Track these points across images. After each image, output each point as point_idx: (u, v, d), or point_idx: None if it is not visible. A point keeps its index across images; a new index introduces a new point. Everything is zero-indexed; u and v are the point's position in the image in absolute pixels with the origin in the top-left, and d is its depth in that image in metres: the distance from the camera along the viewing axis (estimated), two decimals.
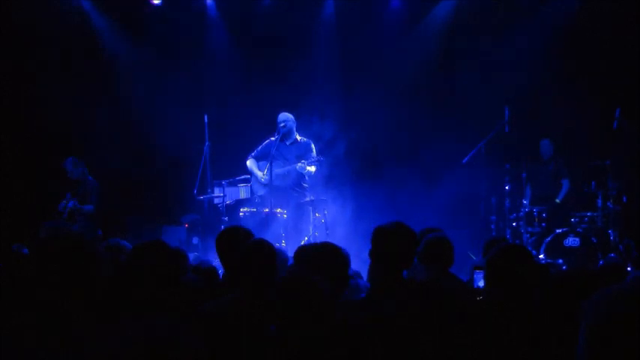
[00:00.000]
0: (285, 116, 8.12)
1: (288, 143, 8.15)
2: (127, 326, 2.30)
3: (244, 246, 3.21)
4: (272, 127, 8.20)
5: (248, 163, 8.29)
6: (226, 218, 7.96)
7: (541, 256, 7.62)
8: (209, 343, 2.68)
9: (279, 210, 7.80)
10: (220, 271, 5.93)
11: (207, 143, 8.03)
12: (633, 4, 8.57)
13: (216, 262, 6.11)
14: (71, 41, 9.42)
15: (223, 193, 8.15)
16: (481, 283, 3.72)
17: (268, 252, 3.20)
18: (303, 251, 3.60)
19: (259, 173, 8.08)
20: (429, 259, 4.06)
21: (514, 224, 8.21)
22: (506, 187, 8.09)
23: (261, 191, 8.15)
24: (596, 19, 8.82)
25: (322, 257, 3.26)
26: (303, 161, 7.82)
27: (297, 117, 8.25)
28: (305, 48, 9.71)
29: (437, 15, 9.73)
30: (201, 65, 9.85)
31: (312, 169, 7.91)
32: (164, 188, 9.55)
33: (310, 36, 9.83)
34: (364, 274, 4.64)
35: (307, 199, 7.98)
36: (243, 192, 8.45)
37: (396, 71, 9.60)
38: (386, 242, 3.10)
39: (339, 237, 7.48)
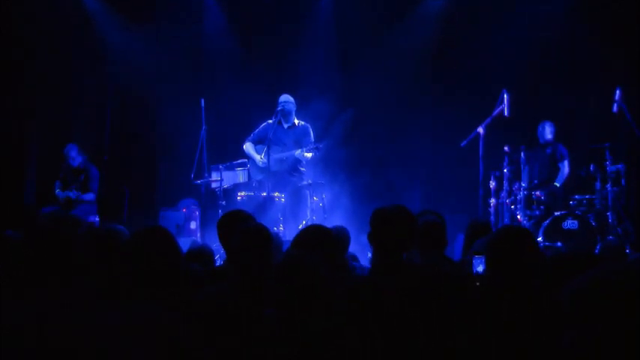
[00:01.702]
0: (286, 97, 8.06)
1: (285, 127, 8.10)
2: (119, 311, 2.28)
3: (238, 231, 3.18)
4: (270, 110, 8.14)
5: (245, 146, 8.25)
6: (224, 202, 7.94)
7: (540, 239, 7.60)
8: (205, 329, 2.66)
9: (276, 194, 7.77)
10: (217, 257, 5.93)
11: (204, 127, 7.98)
12: None
13: (214, 245, 6.11)
14: (66, 26, 9.33)
15: (220, 177, 8.11)
16: (480, 269, 3.70)
17: (263, 236, 3.17)
18: (302, 235, 3.58)
19: (257, 157, 8.04)
20: (423, 242, 4.03)
21: (512, 207, 8.19)
22: (505, 170, 8.05)
23: (259, 176, 8.11)
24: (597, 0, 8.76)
25: (313, 240, 3.27)
26: (302, 149, 7.78)
27: (294, 100, 8.19)
28: (303, 31, 9.64)
29: None
30: (198, 49, 9.78)
31: (309, 155, 7.87)
32: (161, 173, 9.53)
33: (308, 19, 9.75)
34: (362, 257, 4.62)
35: (305, 182, 7.95)
36: (240, 176, 8.41)
37: (396, 54, 9.54)
38: (386, 225, 3.07)
39: (337, 220, 7.45)
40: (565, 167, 8.44)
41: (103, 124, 9.60)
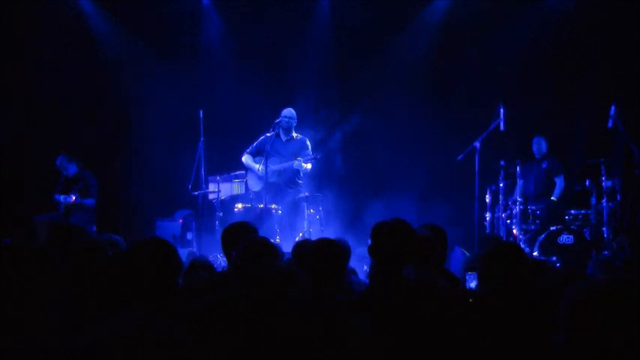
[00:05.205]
0: (289, 112, 8.08)
1: (284, 140, 8.12)
2: (115, 320, 2.29)
3: (242, 243, 3.20)
4: (267, 122, 8.16)
5: (243, 158, 8.27)
6: (221, 214, 7.94)
7: (535, 253, 7.62)
8: (201, 339, 2.67)
9: (273, 206, 7.78)
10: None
11: (201, 139, 8.00)
12: (630, 0, 8.57)
13: (210, 257, 6.12)
14: (64, 35, 9.36)
15: (218, 188, 8.13)
16: (473, 284, 3.72)
17: (267, 248, 3.19)
18: (301, 247, 3.61)
19: (256, 166, 8.05)
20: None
21: (508, 221, 8.21)
22: (501, 185, 8.08)
23: (256, 187, 8.12)
24: (592, 16, 8.83)
25: (314, 253, 3.28)
26: (299, 158, 7.79)
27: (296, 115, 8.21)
28: (301, 42, 9.68)
29: (432, 11, 9.71)
30: (196, 60, 9.82)
31: (308, 166, 7.89)
32: (158, 183, 9.53)
33: (306, 30, 9.80)
34: (359, 270, 4.61)
35: (302, 194, 7.96)
36: (237, 188, 8.43)
37: (392, 68, 9.59)
38: (386, 238, 3.10)
39: (334, 233, 7.47)
40: (561, 181, 8.49)
41: (100, 134, 9.61)
